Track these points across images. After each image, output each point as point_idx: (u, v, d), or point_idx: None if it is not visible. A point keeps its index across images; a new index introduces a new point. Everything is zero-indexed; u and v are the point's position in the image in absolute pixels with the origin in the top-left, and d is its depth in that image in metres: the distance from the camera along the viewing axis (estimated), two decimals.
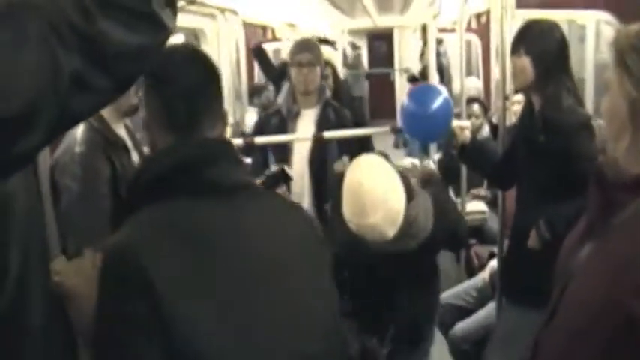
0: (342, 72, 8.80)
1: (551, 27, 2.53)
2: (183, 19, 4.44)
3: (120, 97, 1.00)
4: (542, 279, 1.52)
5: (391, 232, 2.14)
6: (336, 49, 6.27)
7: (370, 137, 3.49)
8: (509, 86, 3.09)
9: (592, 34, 4.10)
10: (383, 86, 11.75)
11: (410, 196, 2.21)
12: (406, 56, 10.39)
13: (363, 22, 10.34)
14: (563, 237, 1.49)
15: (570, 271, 1.43)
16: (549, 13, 3.07)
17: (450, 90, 5.90)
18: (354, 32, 11.05)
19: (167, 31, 0.97)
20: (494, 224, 3.75)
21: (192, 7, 4.41)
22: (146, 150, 2.75)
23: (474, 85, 6.07)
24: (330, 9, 7.80)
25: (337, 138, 3.14)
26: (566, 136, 2.29)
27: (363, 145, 3.22)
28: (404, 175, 2.30)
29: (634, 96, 1.22)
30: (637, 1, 2.65)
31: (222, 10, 4.94)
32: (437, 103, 2.67)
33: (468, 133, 2.73)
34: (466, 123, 2.86)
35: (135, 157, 2.57)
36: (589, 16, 3.62)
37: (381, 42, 11.69)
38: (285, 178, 2.69)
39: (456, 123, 2.75)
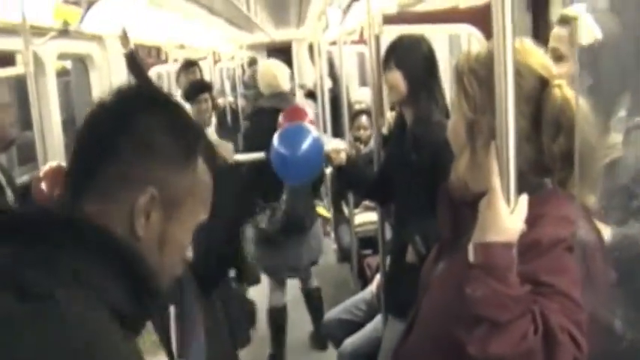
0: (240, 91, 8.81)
1: (418, 41, 2.62)
2: (69, 45, 4.35)
3: None
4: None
5: None
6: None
7: None
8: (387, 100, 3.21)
9: (465, 47, 4.30)
10: None
11: None
12: (304, 69, 10.53)
13: (261, 37, 10.41)
14: None
15: (426, 288, 1.52)
16: (423, 28, 3.18)
17: (347, 100, 6.03)
18: (253, 47, 11.10)
19: None
20: (389, 234, 3.84)
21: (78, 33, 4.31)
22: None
23: (368, 96, 6.17)
24: (226, 26, 7.80)
25: None
26: (434, 153, 2.31)
27: None
28: None
29: (470, 117, 1.29)
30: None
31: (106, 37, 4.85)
32: (306, 144, 2.73)
33: (343, 156, 2.79)
34: (341, 145, 2.93)
35: (9, 195, 2.52)
36: (462, 30, 3.78)
37: (280, 56, 11.79)
38: None
39: (331, 146, 2.81)
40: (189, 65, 5.63)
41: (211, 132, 4.84)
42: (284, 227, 3.98)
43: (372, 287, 3.26)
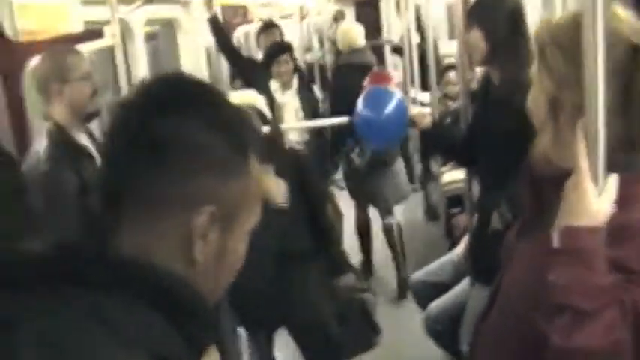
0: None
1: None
2: (156, 10, 4.43)
3: None
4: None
5: None
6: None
7: None
8: None
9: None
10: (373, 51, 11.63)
11: None
12: (393, 23, 10.28)
13: None
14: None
15: (507, 265, 1.47)
16: None
17: (435, 55, 5.85)
18: (340, 1, 10.94)
19: None
20: (476, 192, 3.75)
21: None
22: None
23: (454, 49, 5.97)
24: None
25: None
26: (521, 117, 2.27)
27: None
28: None
29: (553, 93, 1.20)
30: None
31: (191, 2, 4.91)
32: (390, 107, 2.71)
33: (428, 119, 2.73)
34: (426, 110, 2.87)
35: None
36: None
37: (368, 10, 11.57)
38: None
39: (416, 110, 2.77)
40: (269, 27, 5.58)
41: (292, 94, 4.77)
42: (369, 163, 4.40)
43: (459, 249, 3.20)
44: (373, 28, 11.53)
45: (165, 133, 0.80)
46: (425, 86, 5.16)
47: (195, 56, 5.04)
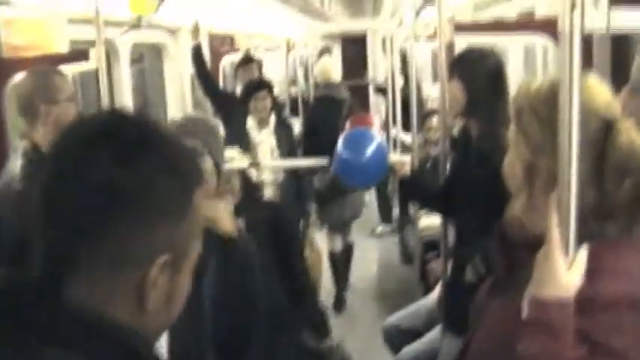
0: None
1: (485, 55, 2.54)
2: (143, 35, 4.43)
3: None
4: None
5: None
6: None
7: None
8: None
9: (540, 58, 4.13)
10: (358, 91, 11.71)
11: None
12: (378, 61, 10.43)
13: (335, 26, 10.36)
14: None
15: (477, 322, 1.46)
16: (496, 37, 3.06)
17: (417, 97, 5.88)
18: (327, 36, 11.06)
19: None
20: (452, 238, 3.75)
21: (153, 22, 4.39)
22: None
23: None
24: (300, 15, 7.79)
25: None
26: (500, 172, 2.27)
27: None
28: None
29: (529, 159, 1.21)
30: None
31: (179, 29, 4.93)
32: (371, 150, 2.71)
33: (407, 168, 2.74)
34: (406, 158, 2.88)
35: None
36: (537, 40, 3.62)
37: (354, 47, 11.71)
38: None
39: (395, 158, 2.78)
40: (247, 61, 5.52)
41: (269, 132, 4.67)
42: (329, 185, 4.64)
43: (434, 295, 3.18)
44: (359, 66, 11.71)
45: (120, 182, 0.75)
46: (407, 127, 5.20)
47: (180, 82, 5.04)
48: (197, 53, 4.83)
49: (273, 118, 4.72)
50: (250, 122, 4.64)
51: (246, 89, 4.78)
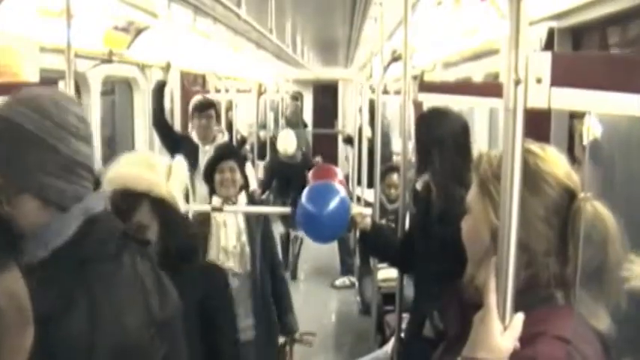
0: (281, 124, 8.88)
1: (449, 118, 2.56)
2: (115, 69, 4.45)
3: None
4: None
5: None
6: None
7: None
8: None
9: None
10: (328, 139, 11.84)
11: None
12: (350, 108, 10.58)
13: (308, 73, 10.49)
14: None
15: None
16: (461, 99, 3.11)
17: (386, 149, 5.96)
18: (299, 82, 11.20)
19: None
20: (410, 291, 3.74)
21: (125, 57, 4.41)
22: None
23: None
24: (273, 60, 7.88)
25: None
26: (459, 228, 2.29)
27: None
28: None
29: (497, 224, 1.23)
30: None
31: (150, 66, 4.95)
32: (333, 205, 2.72)
33: (368, 220, 2.75)
34: (367, 211, 2.90)
35: None
36: (499, 105, 3.71)
37: (325, 94, 11.88)
38: None
39: (356, 210, 2.78)
40: (204, 107, 4.92)
41: None
42: None
43: (388, 347, 3.16)
44: (329, 114, 11.85)
45: None
46: (371, 182, 5.23)
47: (149, 116, 5.04)
48: (159, 88, 4.76)
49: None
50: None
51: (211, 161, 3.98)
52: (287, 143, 7.12)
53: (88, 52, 3.78)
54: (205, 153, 4.59)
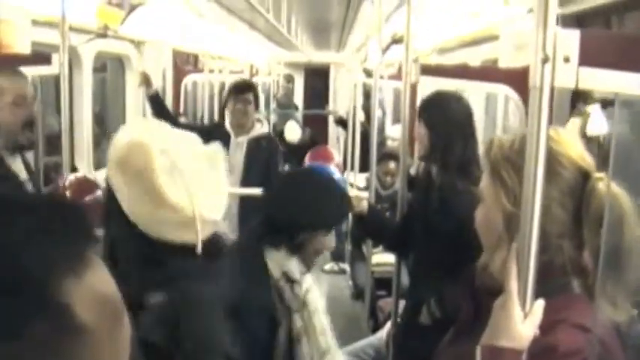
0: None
1: (451, 101, 2.52)
2: (108, 44, 4.37)
3: None
4: (430, 355, 1.49)
5: None
6: None
7: None
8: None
9: (501, 107, 4.20)
10: (318, 121, 11.85)
11: None
12: (341, 92, 10.54)
13: (300, 56, 10.43)
14: (453, 315, 1.48)
15: None
16: (459, 83, 3.06)
17: (379, 135, 5.92)
18: (291, 65, 11.13)
19: None
20: (405, 277, 3.72)
21: (119, 33, 4.33)
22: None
23: (399, 134, 6.06)
24: (266, 41, 7.82)
25: None
26: (461, 222, 2.25)
27: None
28: None
29: (509, 210, 1.21)
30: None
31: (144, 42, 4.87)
32: None
33: (365, 204, 2.71)
34: (364, 194, 2.86)
35: (29, 188, 2.51)
36: (499, 90, 3.67)
37: (317, 77, 11.83)
38: None
39: (353, 193, 2.74)
40: (242, 90, 4.24)
41: None
42: None
43: (382, 333, 3.11)
44: (320, 96, 11.79)
45: None
46: (365, 165, 5.19)
47: (140, 95, 4.96)
48: (155, 100, 4.40)
49: None
50: None
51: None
52: (293, 133, 8.19)
53: (82, 26, 3.70)
54: (237, 145, 4.06)
